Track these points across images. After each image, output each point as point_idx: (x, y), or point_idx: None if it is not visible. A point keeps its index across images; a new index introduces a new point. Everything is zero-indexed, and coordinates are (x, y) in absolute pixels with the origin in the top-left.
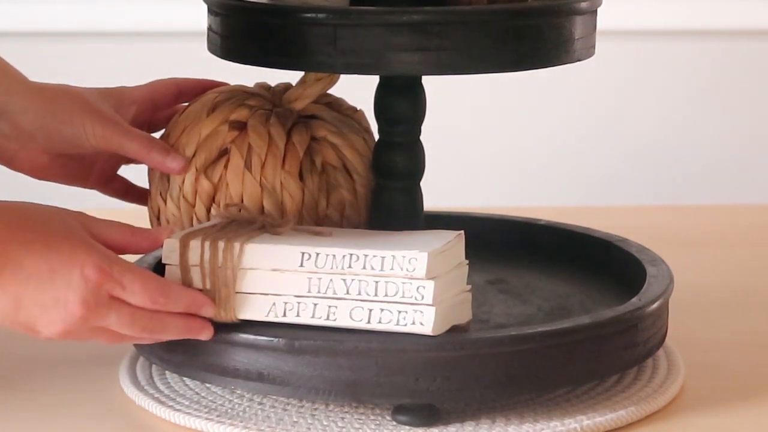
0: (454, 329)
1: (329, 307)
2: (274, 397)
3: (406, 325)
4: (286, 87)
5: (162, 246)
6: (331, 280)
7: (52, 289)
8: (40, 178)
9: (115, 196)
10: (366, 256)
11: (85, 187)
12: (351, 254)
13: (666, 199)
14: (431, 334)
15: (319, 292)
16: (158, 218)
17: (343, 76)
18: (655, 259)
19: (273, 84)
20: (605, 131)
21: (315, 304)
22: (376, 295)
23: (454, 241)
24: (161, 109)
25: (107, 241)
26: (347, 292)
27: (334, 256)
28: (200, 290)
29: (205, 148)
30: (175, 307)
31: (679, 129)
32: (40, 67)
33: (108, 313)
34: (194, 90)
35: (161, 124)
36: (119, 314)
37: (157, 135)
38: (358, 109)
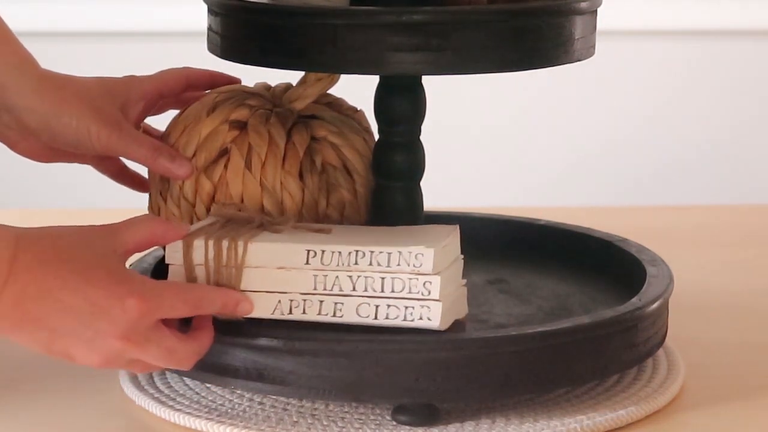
0: (452, 326)
1: (335, 303)
2: (274, 397)
3: (413, 320)
4: (287, 87)
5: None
6: (337, 276)
7: (93, 323)
8: (39, 162)
9: (108, 175)
10: (372, 252)
11: (80, 163)
12: (357, 251)
13: (666, 199)
14: (438, 328)
15: (325, 289)
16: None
17: (343, 76)
18: (655, 259)
19: (273, 84)
20: (605, 131)
21: (321, 301)
22: (382, 291)
23: (452, 235)
24: (169, 104)
25: (138, 242)
26: (353, 289)
27: (339, 253)
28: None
29: (205, 148)
30: (211, 308)
31: (679, 128)
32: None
33: (148, 346)
34: (204, 82)
35: (164, 110)
36: (159, 348)
37: (155, 121)
38: (359, 109)
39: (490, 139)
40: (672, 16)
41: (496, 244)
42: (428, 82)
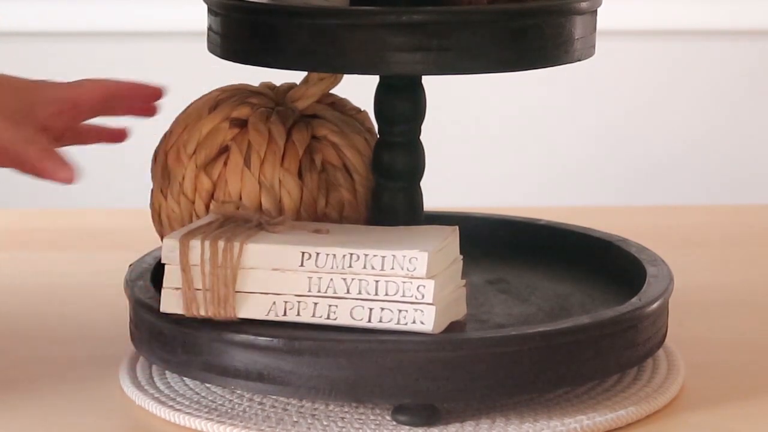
0: (452, 326)
1: (329, 306)
2: (274, 397)
3: (406, 324)
4: (290, 86)
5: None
6: (331, 279)
7: None
8: None
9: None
10: (366, 255)
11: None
12: (351, 254)
13: (666, 199)
14: (432, 332)
15: (319, 291)
16: (159, 214)
17: (346, 77)
18: (655, 259)
19: (278, 84)
20: (605, 131)
21: (315, 303)
22: (376, 294)
23: (450, 237)
24: (85, 113)
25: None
26: (347, 292)
27: (334, 255)
28: (199, 290)
29: (205, 145)
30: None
31: (679, 129)
32: (40, 67)
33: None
34: (126, 96)
35: (84, 135)
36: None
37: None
38: (362, 109)
39: (490, 139)
40: (672, 16)
41: (496, 244)
42: (428, 82)
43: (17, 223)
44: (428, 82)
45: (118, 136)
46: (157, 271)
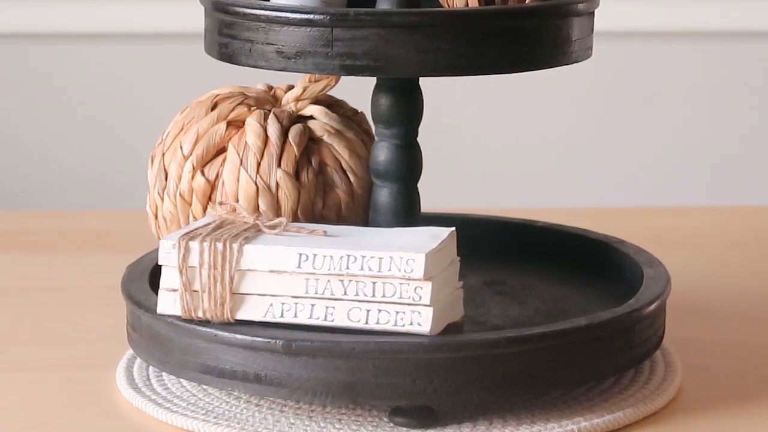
0: (450, 328)
1: (327, 307)
2: (271, 398)
3: (404, 325)
4: (288, 88)
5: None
6: (328, 281)
7: None
8: None
9: None
10: (363, 257)
11: None
12: (348, 255)
13: (664, 200)
14: (429, 333)
15: (316, 293)
16: (156, 215)
17: (344, 78)
18: (652, 260)
19: (275, 85)
20: (603, 132)
21: (312, 305)
22: (373, 295)
23: (447, 239)
24: None
25: None
26: (345, 293)
27: (331, 257)
28: (196, 291)
29: (202, 146)
30: None
31: (678, 129)
32: (41, 69)
33: None
34: None
35: None
36: None
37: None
38: (359, 111)
39: (489, 139)
40: (672, 16)
41: (494, 245)
42: (426, 82)
43: (16, 224)
44: (426, 82)
45: None
46: (154, 273)
